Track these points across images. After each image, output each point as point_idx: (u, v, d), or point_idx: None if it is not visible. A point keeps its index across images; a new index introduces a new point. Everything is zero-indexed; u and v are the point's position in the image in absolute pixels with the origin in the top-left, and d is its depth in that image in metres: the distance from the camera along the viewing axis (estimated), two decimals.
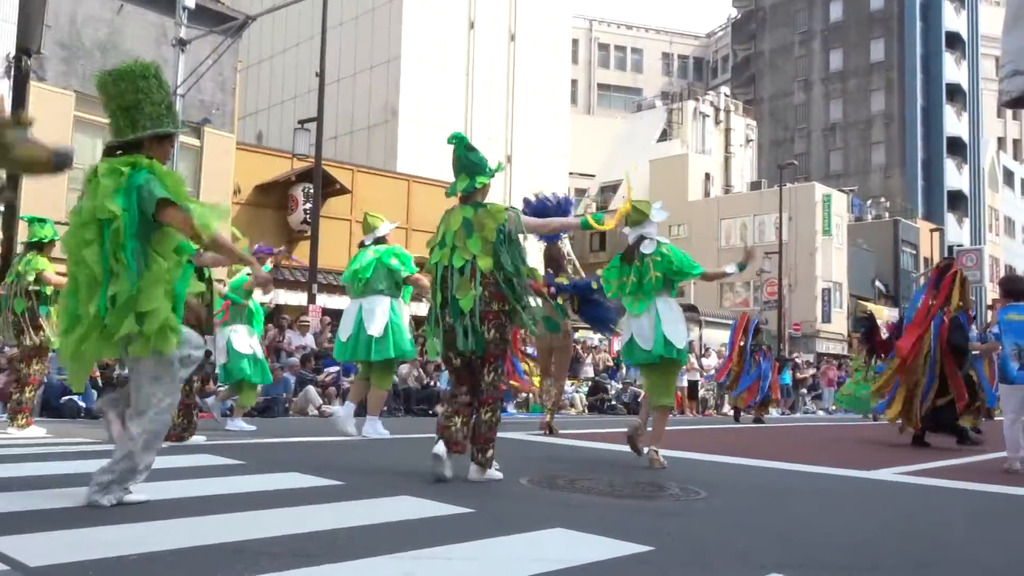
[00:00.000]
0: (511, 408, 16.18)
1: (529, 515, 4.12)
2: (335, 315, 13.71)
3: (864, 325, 16.68)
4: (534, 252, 7.69)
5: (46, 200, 15.55)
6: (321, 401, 13.09)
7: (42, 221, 8.09)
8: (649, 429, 6.71)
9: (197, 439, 7.21)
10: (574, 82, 50.17)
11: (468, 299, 5.08)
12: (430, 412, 13.68)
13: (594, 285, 8.91)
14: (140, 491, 3.91)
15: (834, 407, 22.89)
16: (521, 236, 5.31)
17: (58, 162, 3.76)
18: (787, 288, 36.24)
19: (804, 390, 24.92)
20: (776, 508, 4.96)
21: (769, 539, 3.93)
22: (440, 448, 5.00)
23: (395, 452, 7.03)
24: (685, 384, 20.42)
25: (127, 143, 4.01)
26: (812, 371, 26.91)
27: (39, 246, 7.94)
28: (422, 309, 7.37)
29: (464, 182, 5.32)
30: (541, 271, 7.99)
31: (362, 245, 8.57)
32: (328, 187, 21.42)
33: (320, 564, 2.93)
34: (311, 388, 13.20)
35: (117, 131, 4.03)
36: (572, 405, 17.80)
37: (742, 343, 16.20)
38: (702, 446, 8.51)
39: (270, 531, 3.42)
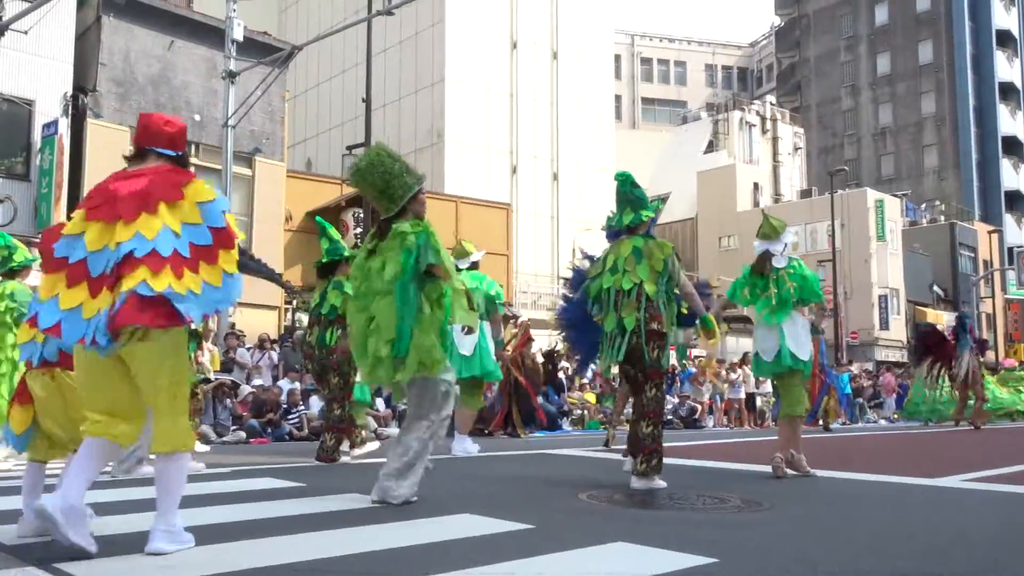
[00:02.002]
0: (566, 425, 16.16)
1: (590, 530, 4.11)
2: None
3: (921, 335, 16.56)
4: None
5: None
6: (376, 424, 13.17)
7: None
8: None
9: (370, 446, 7.84)
10: (618, 97, 50.11)
11: (631, 318, 5.61)
12: (485, 432, 13.69)
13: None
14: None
15: (896, 416, 22.42)
16: (676, 276, 5.89)
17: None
18: (843, 296, 35.67)
19: (862, 399, 24.45)
20: (840, 517, 4.89)
21: (834, 548, 3.87)
22: (629, 466, 5.90)
23: (453, 471, 7.05)
24: (743, 396, 20.23)
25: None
26: (869, 381, 26.39)
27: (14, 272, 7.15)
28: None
29: (629, 216, 5.98)
30: None
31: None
32: (378, 211, 21.62)
33: None
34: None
35: (385, 209, 4.98)
36: (627, 421, 17.67)
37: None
38: (762, 457, 8.40)
39: (338, 551, 3.47)
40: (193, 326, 4.07)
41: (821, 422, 15.85)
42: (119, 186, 3.40)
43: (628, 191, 6.03)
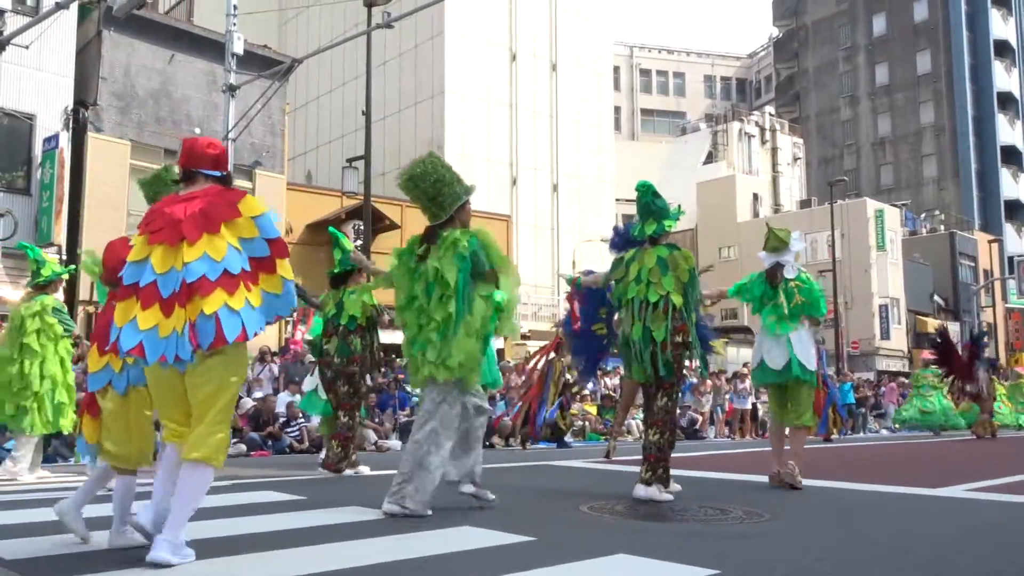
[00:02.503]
0: (568, 437, 16.13)
1: (591, 542, 4.10)
2: (393, 351, 13.82)
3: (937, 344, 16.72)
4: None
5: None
6: (376, 437, 13.15)
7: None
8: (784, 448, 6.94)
9: (363, 469, 7.70)
10: (617, 109, 50.22)
11: (661, 330, 5.66)
12: (486, 444, 13.67)
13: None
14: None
15: (897, 425, 22.39)
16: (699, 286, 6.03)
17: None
18: (843, 306, 35.65)
19: (864, 409, 24.40)
20: (843, 528, 4.87)
21: (837, 559, 3.86)
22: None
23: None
24: (749, 406, 20.20)
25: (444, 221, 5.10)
26: (871, 391, 26.34)
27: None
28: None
29: (652, 226, 5.99)
30: None
31: None
32: (378, 223, 21.65)
33: None
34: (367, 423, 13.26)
35: (433, 216, 5.11)
36: (629, 432, 17.65)
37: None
38: (763, 468, 8.38)
39: (337, 565, 3.46)
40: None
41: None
42: (175, 209, 3.57)
43: (650, 201, 6.05)
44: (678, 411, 6.85)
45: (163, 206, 3.65)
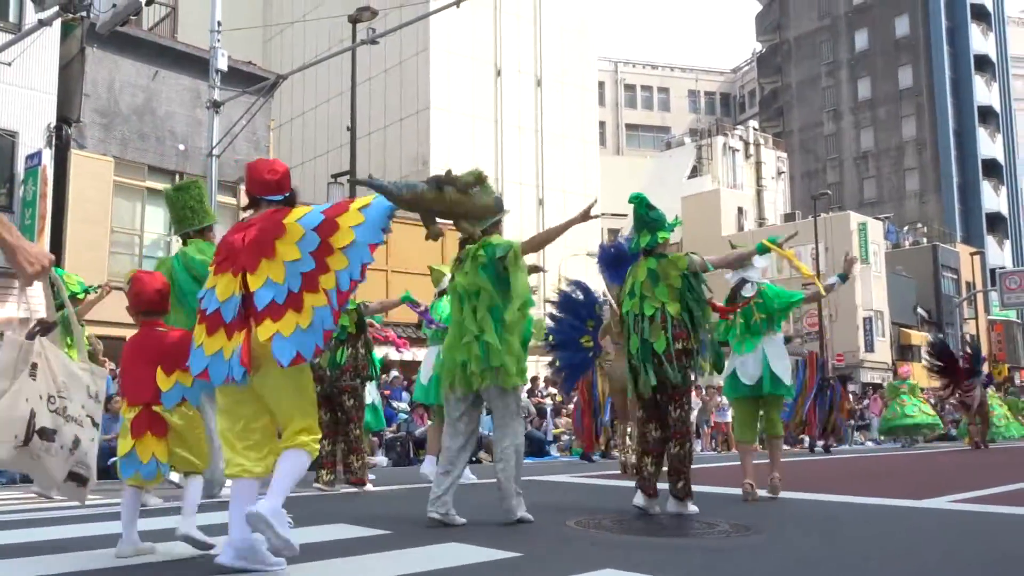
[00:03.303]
0: (554, 451, 16.11)
1: (578, 557, 4.09)
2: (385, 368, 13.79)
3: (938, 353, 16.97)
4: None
5: (91, 265, 15.89)
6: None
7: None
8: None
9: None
10: (602, 124, 50.43)
11: (661, 341, 5.66)
12: (472, 459, 13.64)
13: None
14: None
15: (882, 437, 22.45)
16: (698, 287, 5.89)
17: (499, 205, 5.21)
18: (828, 319, 35.80)
19: (851, 421, 24.47)
20: (828, 541, 4.88)
21: (824, 572, 3.86)
22: (640, 499, 5.70)
23: None
24: (730, 420, 20.19)
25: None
26: (858, 405, 26.44)
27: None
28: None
29: (646, 238, 6.00)
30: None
31: (442, 294, 8.67)
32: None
33: None
34: None
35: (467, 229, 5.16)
36: (615, 447, 17.64)
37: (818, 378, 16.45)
38: None
39: None
40: None
41: (822, 443, 16.19)
42: (235, 239, 3.82)
43: (644, 213, 6.06)
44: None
45: (229, 235, 3.90)
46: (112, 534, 4.19)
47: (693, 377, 5.93)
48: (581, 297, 8.99)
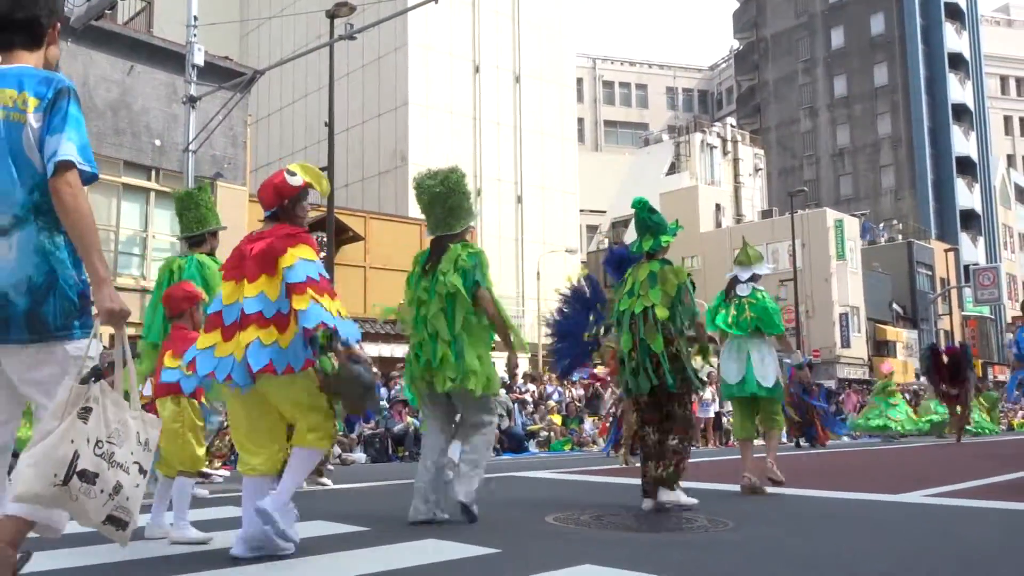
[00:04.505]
0: (533, 447, 16.14)
1: (557, 553, 4.10)
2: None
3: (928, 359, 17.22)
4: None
5: None
6: (341, 450, 13.06)
7: None
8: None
9: (325, 482, 7.88)
10: (580, 120, 50.50)
11: (657, 341, 5.71)
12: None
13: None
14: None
15: (857, 433, 22.63)
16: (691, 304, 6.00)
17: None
18: (804, 315, 36.06)
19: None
20: (806, 535, 4.92)
21: (801, 567, 3.89)
22: (649, 504, 5.73)
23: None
24: (712, 415, 20.29)
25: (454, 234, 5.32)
26: (833, 401, 26.66)
27: None
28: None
29: (649, 242, 6.06)
30: None
31: None
32: (341, 235, 21.55)
33: None
34: None
35: (447, 227, 5.34)
36: (594, 442, 17.70)
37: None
38: (726, 477, 8.44)
39: None
40: None
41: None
42: (244, 249, 4.10)
43: (647, 217, 6.13)
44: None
45: (241, 245, 4.18)
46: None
47: (691, 379, 5.99)
48: (588, 293, 9.13)
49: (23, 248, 2.55)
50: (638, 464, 9.72)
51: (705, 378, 7.12)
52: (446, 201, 5.33)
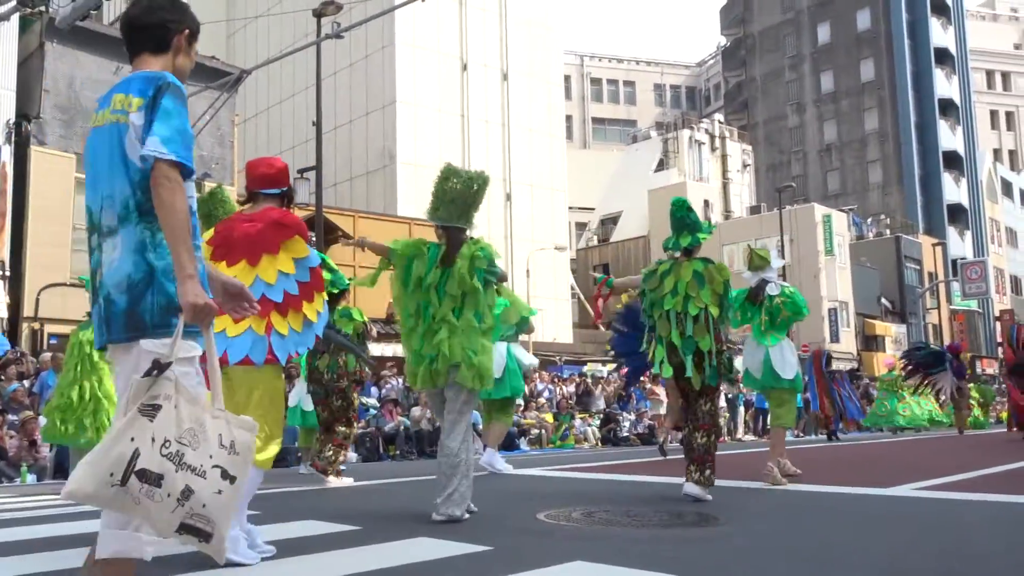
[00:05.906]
0: (524, 444, 16.13)
1: (548, 550, 4.10)
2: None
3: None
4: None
5: (53, 262, 15.65)
6: None
7: None
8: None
9: (346, 480, 7.90)
10: (568, 117, 50.50)
11: (706, 341, 5.95)
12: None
13: None
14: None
15: (844, 426, 22.73)
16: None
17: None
18: None
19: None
20: (796, 530, 4.94)
21: (792, 561, 3.91)
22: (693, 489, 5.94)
23: (407, 495, 7.00)
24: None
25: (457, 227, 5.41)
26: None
27: None
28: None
29: (687, 239, 6.29)
30: None
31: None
32: (330, 234, 21.48)
33: None
34: None
35: (466, 220, 5.45)
36: (585, 439, 17.72)
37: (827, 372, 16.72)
38: (718, 472, 8.46)
39: None
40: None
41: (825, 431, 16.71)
42: (235, 228, 4.01)
43: (684, 215, 6.38)
44: (634, 417, 7.13)
45: (227, 223, 4.08)
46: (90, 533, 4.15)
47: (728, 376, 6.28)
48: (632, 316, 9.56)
49: (125, 247, 2.56)
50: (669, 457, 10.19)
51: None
52: (473, 199, 5.47)
